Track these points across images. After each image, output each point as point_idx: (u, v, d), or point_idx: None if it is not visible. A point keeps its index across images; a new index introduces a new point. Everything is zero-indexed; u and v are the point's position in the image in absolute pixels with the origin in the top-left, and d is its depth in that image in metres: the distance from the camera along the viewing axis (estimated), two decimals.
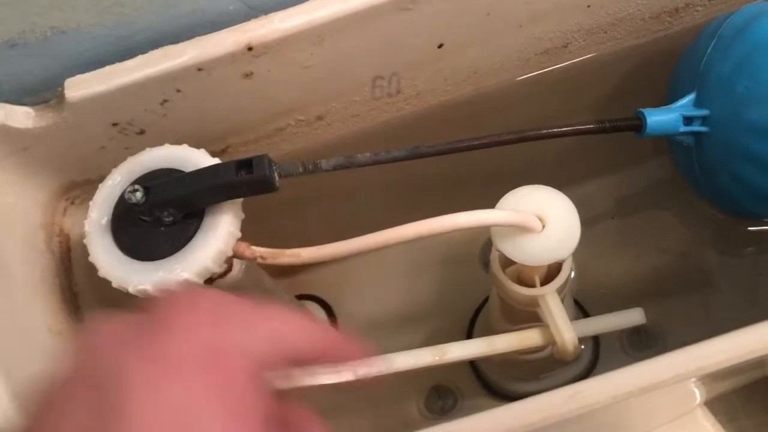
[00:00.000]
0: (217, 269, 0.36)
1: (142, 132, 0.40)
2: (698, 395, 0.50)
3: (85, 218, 0.36)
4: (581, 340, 0.38)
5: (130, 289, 0.35)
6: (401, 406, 0.57)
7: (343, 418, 0.56)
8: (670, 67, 0.45)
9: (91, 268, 0.44)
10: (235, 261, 0.42)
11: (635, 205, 0.54)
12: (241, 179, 0.33)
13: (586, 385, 0.31)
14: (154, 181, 0.35)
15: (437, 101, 0.45)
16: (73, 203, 0.44)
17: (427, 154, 0.34)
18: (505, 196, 0.35)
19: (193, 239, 0.35)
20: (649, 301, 0.44)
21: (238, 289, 0.44)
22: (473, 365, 0.58)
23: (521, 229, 0.34)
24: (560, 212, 0.35)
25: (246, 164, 0.33)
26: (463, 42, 0.41)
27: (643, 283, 0.55)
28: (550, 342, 0.38)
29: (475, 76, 0.44)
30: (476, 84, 0.45)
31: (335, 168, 0.34)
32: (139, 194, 0.34)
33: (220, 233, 0.35)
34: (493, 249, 0.40)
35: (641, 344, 0.54)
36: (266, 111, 0.42)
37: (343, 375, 0.36)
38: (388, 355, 0.37)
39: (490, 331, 0.41)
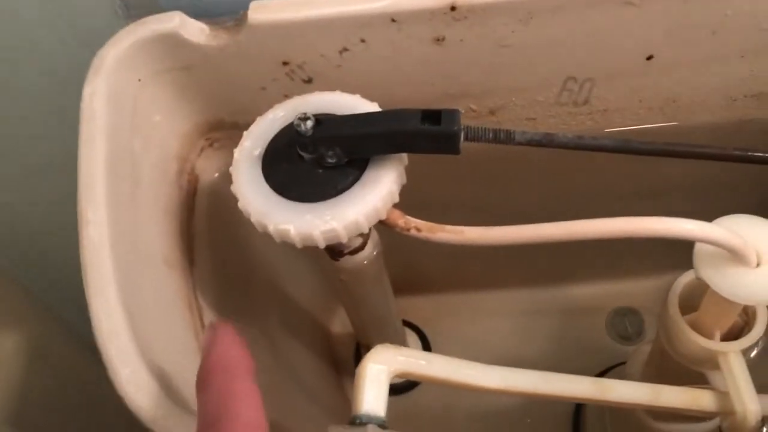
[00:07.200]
0: (366, 229, 0.31)
1: (308, 80, 0.38)
2: None
3: (236, 147, 0.33)
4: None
5: (270, 227, 0.31)
6: None
7: None
8: None
9: (212, 218, 0.41)
10: (369, 241, 0.38)
11: None
12: (425, 129, 0.29)
13: None
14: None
15: (622, 124, 0.41)
16: (211, 145, 0.41)
17: (639, 151, 0.30)
18: (717, 220, 0.30)
19: (351, 189, 0.31)
20: None
21: (360, 276, 0.39)
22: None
23: (731, 259, 0.29)
24: None
25: (433, 115, 0.29)
26: (675, 58, 0.37)
27: None
28: (727, 410, 0.32)
29: (672, 106, 0.40)
30: (670, 116, 0.40)
31: (529, 143, 0.30)
32: (309, 123, 0.30)
33: (380, 190, 0.31)
34: (672, 290, 0.35)
35: None
36: (442, 87, 0.38)
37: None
38: (547, 373, 0.31)
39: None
